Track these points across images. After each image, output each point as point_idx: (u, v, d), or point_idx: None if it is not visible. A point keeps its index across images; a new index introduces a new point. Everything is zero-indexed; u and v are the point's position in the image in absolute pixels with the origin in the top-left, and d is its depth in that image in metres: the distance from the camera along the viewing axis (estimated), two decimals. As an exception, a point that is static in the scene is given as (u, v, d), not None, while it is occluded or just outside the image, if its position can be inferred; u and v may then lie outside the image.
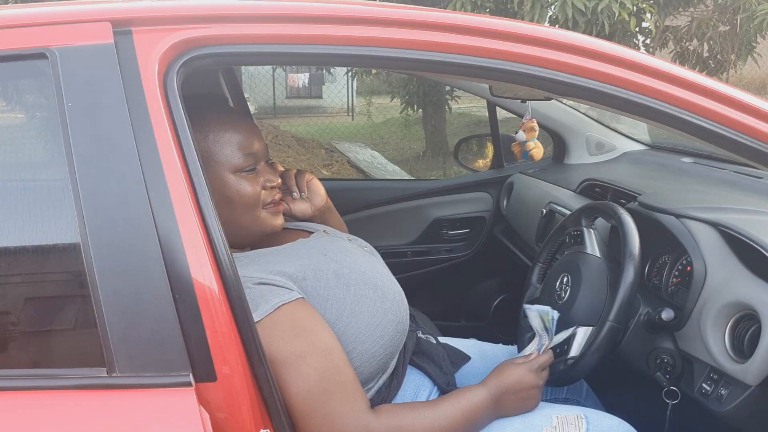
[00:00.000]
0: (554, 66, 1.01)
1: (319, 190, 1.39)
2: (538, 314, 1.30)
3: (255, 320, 0.99)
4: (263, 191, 1.22)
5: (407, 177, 7.82)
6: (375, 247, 1.41)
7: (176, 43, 0.94)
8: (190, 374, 0.88)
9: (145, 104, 0.91)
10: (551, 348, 1.28)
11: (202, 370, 0.89)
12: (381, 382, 1.24)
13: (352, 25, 1.00)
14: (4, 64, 0.94)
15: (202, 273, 0.89)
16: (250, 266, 1.13)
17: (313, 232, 1.34)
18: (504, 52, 1.01)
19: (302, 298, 1.11)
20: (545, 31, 1.06)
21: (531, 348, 1.30)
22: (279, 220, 1.25)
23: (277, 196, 1.26)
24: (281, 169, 1.36)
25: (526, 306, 1.36)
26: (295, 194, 1.35)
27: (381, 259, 1.36)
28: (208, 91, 1.68)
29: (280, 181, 1.26)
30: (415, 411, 1.13)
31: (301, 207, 1.35)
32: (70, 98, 0.90)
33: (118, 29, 0.93)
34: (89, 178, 0.89)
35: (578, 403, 1.49)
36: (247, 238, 1.23)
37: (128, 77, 0.91)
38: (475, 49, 1.00)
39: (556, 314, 1.30)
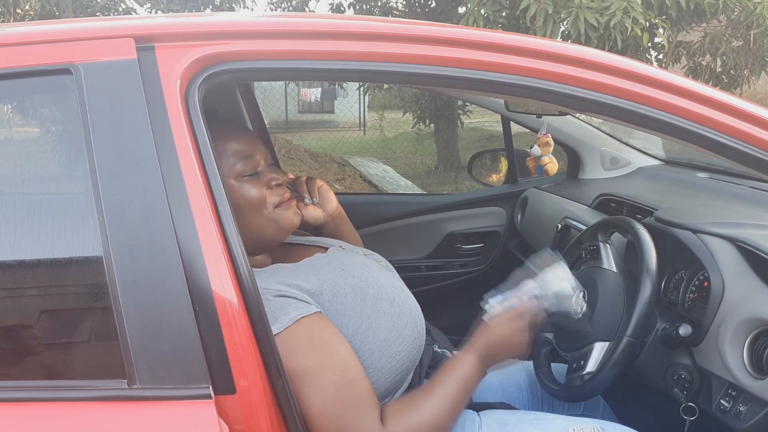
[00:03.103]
0: (570, 81, 1.02)
1: (330, 195, 1.40)
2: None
3: (274, 333, 1.00)
4: (269, 191, 1.22)
5: (419, 191, 7.83)
6: (389, 261, 1.41)
7: (198, 59, 0.95)
8: (210, 387, 0.89)
9: (167, 119, 0.92)
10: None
11: (222, 382, 0.89)
12: (397, 396, 1.24)
13: (369, 41, 1.01)
14: (29, 79, 0.95)
15: (222, 286, 0.90)
16: (270, 279, 1.13)
17: (329, 248, 1.34)
18: (520, 68, 1.01)
19: (320, 311, 1.12)
20: (560, 46, 1.06)
21: (495, 301, 1.25)
22: (294, 216, 1.25)
23: (287, 195, 1.25)
24: (291, 176, 1.37)
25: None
26: (306, 200, 1.35)
27: (397, 274, 1.36)
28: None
29: (285, 179, 1.26)
30: (418, 407, 1.11)
31: (313, 213, 1.36)
32: (94, 113, 0.92)
33: (141, 45, 0.95)
34: (112, 192, 0.90)
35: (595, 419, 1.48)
36: (265, 241, 1.24)
37: (151, 92, 0.93)
38: (492, 64, 1.01)
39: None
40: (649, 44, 5.58)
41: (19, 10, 7.92)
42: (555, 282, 1.25)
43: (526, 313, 1.22)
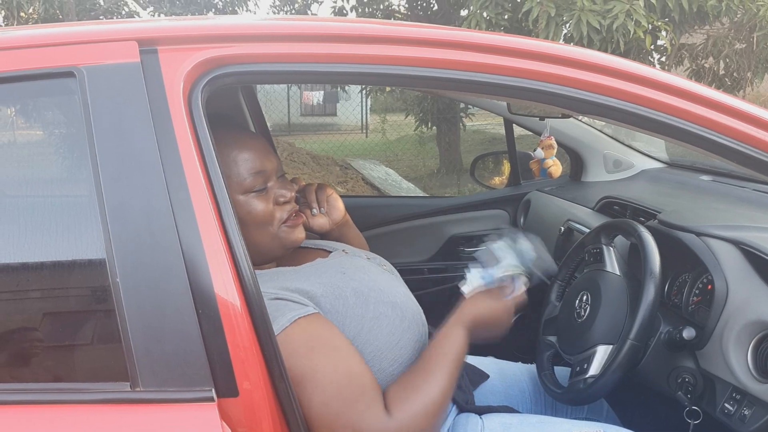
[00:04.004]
0: (572, 83, 1.01)
1: (338, 204, 1.40)
2: (498, 247, 1.28)
3: None
4: (276, 207, 1.21)
5: (422, 194, 7.83)
6: (391, 264, 1.41)
7: (201, 62, 0.95)
8: (213, 389, 0.89)
9: (170, 122, 0.92)
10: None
11: (224, 385, 0.89)
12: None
13: (371, 44, 1.01)
14: (33, 82, 0.95)
15: (225, 289, 0.90)
16: (268, 283, 1.13)
17: (331, 252, 1.34)
18: (522, 70, 1.01)
19: (318, 313, 1.11)
20: (563, 48, 1.06)
21: (475, 276, 1.27)
22: (299, 235, 1.24)
23: (294, 209, 1.25)
24: (302, 183, 1.36)
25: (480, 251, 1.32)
26: (315, 210, 1.35)
27: (400, 278, 1.35)
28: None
29: (293, 194, 1.25)
30: (419, 389, 1.10)
31: (319, 222, 1.35)
32: (97, 116, 0.92)
33: (145, 48, 0.95)
34: (115, 195, 0.90)
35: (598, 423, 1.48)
36: (268, 255, 1.24)
37: (154, 95, 0.93)
38: (494, 67, 1.01)
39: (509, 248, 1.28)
40: (652, 47, 5.58)
41: (22, 14, 7.95)
42: (523, 253, 1.29)
43: (509, 289, 1.24)
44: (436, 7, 8.31)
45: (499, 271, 1.26)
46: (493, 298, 1.23)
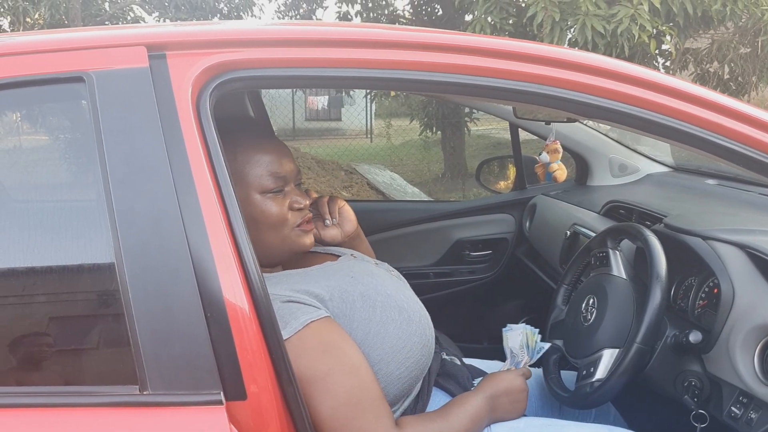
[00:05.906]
0: (577, 87, 1.02)
1: (350, 216, 1.40)
2: (523, 332, 1.40)
3: (284, 337, 1.00)
4: (290, 212, 1.22)
5: (427, 199, 7.83)
6: (396, 268, 1.41)
7: (209, 67, 0.96)
8: (221, 392, 0.89)
9: (178, 126, 0.93)
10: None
11: (233, 388, 0.90)
12: (406, 404, 1.24)
13: (379, 48, 1.02)
14: (42, 87, 0.96)
15: (233, 292, 0.90)
16: (278, 285, 1.14)
17: (340, 256, 1.35)
18: (527, 74, 1.01)
19: (329, 316, 1.12)
20: (567, 52, 1.07)
21: (507, 365, 1.40)
22: (308, 240, 1.25)
23: (307, 217, 1.26)
24: (315, 196, 1.37)
25: (510, 326, 1.43)
26: (327, 222, 1.36)
27: (407, 284, 1.36)
28: (240, 114, 1.70)
29: (308, 203, 1.26)
30: (434, 423, 1.17)
31: (331, 233, 1.36)
32: (106, 120, 0.92)
33: (153, 53, 0.95)
34: (124, 199, 0.91)
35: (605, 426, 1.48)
36: (275, 257, 1.24)
37: (162, 100, 0.93)
38: (498, 71, 1.01)
39: (544, 344, 1.39)
40: (657, 51, 5.58)
41: (28, 19, 7.99)
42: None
43: (527, 375, 1.34)
44: (440, 12, 8.33)
45: (520, 357, 1.40)
46: (520, 378, 1.31)
